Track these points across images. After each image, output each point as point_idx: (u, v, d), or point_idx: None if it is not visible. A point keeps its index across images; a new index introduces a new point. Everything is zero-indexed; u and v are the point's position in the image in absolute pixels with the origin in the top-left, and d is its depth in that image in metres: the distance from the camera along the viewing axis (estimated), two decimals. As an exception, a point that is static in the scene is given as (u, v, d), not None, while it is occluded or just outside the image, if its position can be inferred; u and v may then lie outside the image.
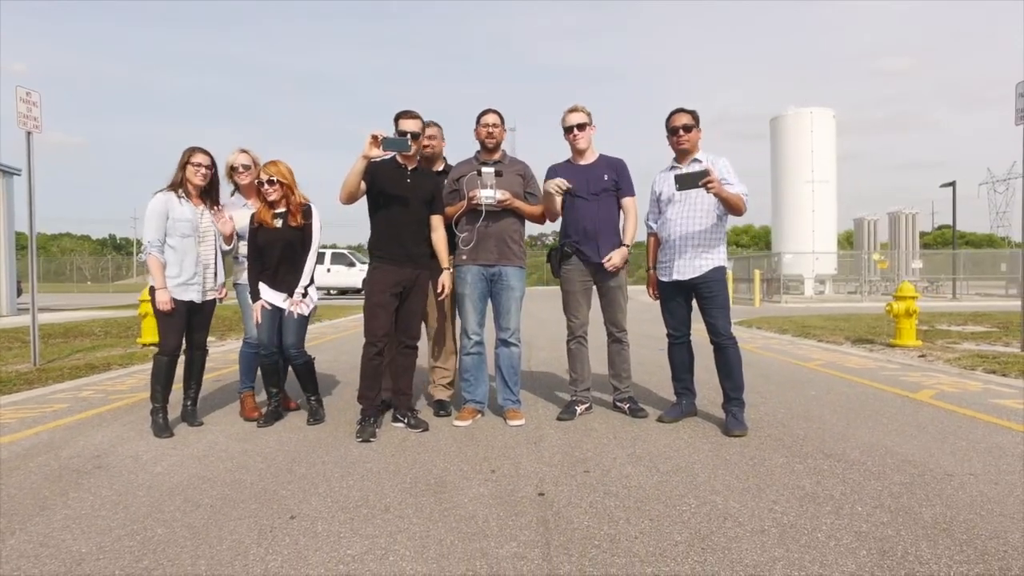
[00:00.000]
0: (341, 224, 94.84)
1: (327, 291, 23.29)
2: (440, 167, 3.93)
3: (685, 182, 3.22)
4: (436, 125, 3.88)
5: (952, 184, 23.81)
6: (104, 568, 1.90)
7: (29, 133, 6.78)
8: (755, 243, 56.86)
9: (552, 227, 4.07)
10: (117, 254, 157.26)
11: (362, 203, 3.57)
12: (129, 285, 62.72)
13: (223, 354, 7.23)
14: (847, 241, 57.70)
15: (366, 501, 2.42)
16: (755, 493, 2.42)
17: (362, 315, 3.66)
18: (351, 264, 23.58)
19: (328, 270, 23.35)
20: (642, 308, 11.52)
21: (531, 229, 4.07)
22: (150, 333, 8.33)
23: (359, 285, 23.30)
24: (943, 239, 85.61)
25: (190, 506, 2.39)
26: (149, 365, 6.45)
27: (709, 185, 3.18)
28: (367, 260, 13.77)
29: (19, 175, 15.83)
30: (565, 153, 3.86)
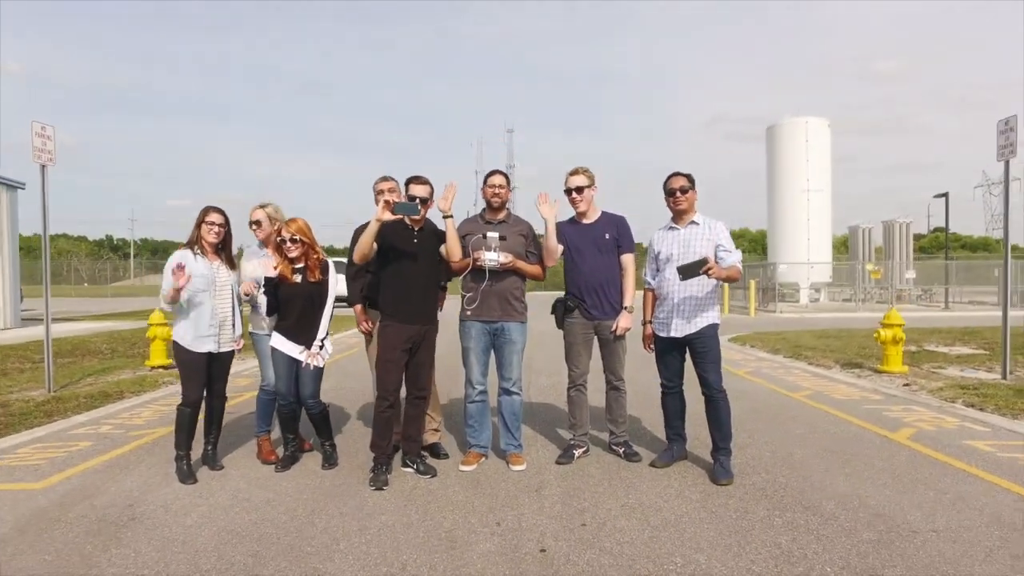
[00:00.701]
0: (338, 225, 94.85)
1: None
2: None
3: (688, 272, 3.45)
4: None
5: (945, 195, 24.12)
6: (157, 631, 2.16)
7: (44, 166, 7.02)
8: (753, 248, 57.18)
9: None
10: (114, 255, 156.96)
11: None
12: (127, 288, 62.82)
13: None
14: (843, 245, 58.08)
15: (384, 559, 2.67)
16: (736, 551, 2.68)
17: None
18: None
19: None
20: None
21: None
22: (158, 356, 8.59)
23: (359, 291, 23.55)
24: (938, 243, 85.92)
25: (224, 564, 2.64)
26: (160, 393, 6.71)
27: (710, 272, 3.43)
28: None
29: (23, 188, 16.04)
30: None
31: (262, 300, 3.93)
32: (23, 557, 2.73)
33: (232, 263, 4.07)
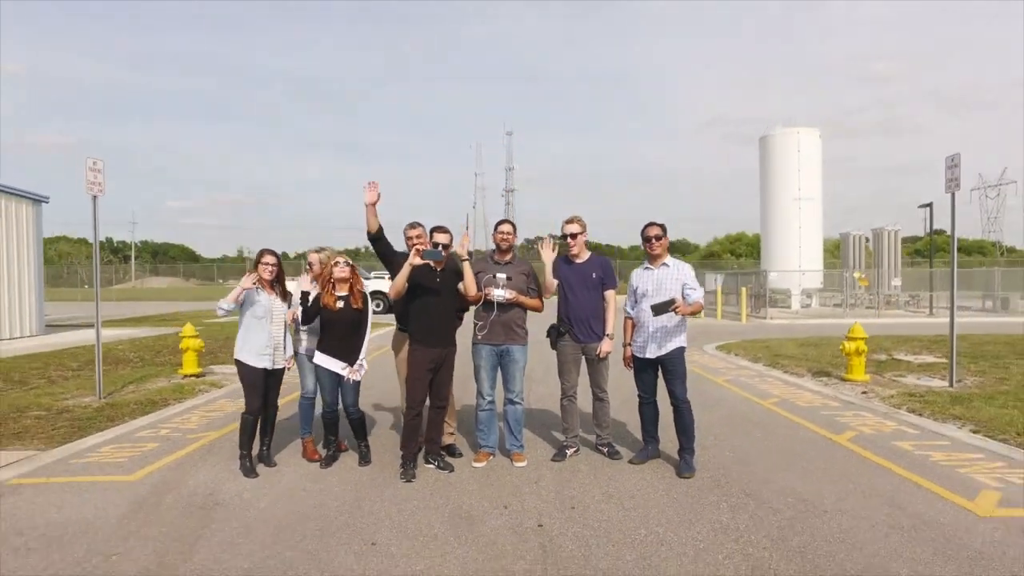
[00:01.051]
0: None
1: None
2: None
3: (659, 310, 4.30)
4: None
5: (929, 205, 25.03)
6: (263, 579, 3.01)
7: (95, 197, 7.90)
8: (749, 251, 58.04)
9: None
10: (114, 257, 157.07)
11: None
12: (130, 291, 63.46)
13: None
14: (837, 248, 58.73)
15: (420, 531, 3.53)
16: (687, 527, 3.54)
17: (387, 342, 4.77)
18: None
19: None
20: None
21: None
22: (190, 365, 9.43)
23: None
24: (936, 245, 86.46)
25: (298, 536, 3.49)
26: (199, 400, 7.54)
27: (676, 310, 4.29)
28: (375, 275, 15.02)
29: (47, 202, 16.92)
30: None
31: (299, 312, 4.78)
32: (145, 529, 3.59)
33: (285, 295, 4.93)
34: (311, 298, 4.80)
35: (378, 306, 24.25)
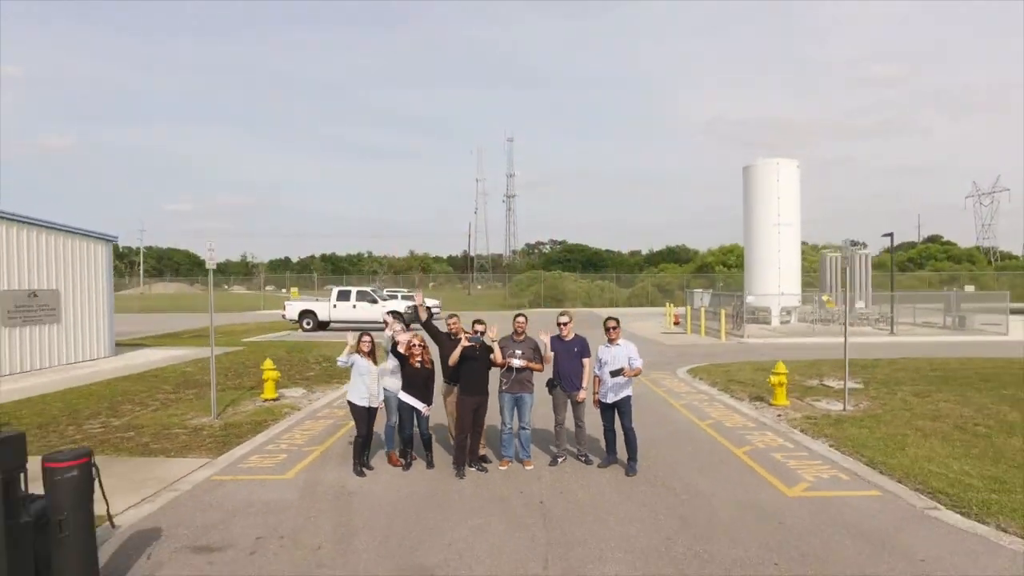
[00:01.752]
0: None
1: (354, 324, 27.21)
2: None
3: (615, 374, 7.13)
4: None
5: (890, 235, 27.84)
6: (408, 536, 5.84)
7: (210, 270, 10.76)
8: (739, 262, 60.67)
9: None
10: (120, 263, 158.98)
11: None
12: (139, 299, 66.06)
13: (339, 407, 11.06)
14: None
15: (472, 506, 6.34)
16: (625, 504, 6.35)
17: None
18: (373, 301, 27.46)
19: (354, 306, 27.30)
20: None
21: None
22: (270, 391, 12.22)
23: (379, 319, 27.23)
24: (929, 254, 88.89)
25: (405, 509, 6.30)
26: (292, 421, 10.29)
27: (624, 374, 7.12)
28: (387, 298, 18.49)
29: (115, 240, 19.80)
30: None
31: (391, 363, 7.59)
32: (317, 505, 6.41)
33: (375, 361, 7.74)
34: (395, 346, 7.57)
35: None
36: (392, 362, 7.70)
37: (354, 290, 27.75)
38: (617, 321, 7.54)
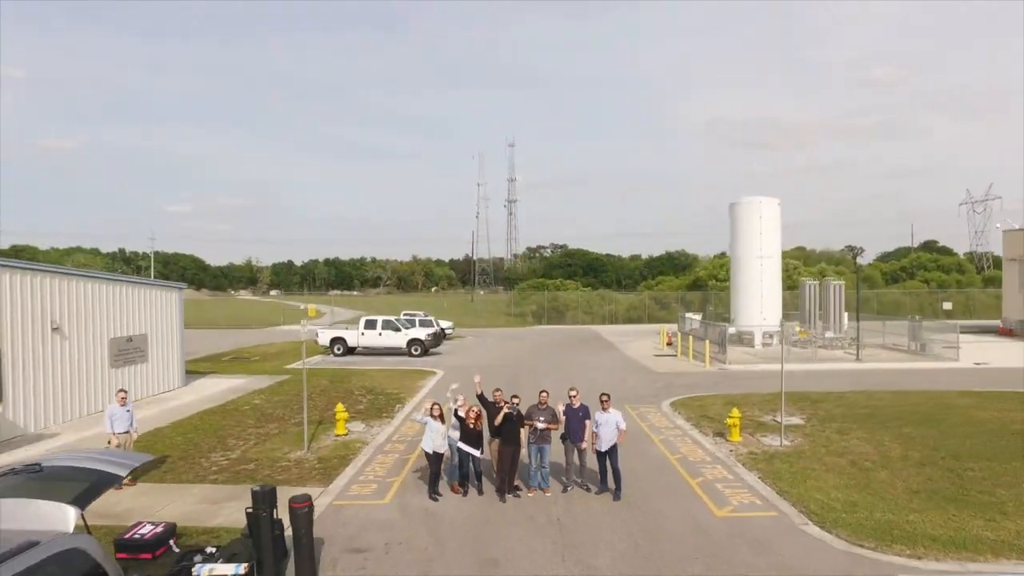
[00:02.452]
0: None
1: (380, 350, 30.91)
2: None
3: (607, 435, 10.83)
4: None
5: (857, 252, 31.42)
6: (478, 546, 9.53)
7: (304, 341, 14.42)
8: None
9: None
10: (127, 268, 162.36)
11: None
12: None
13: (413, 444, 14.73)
14: (817, 272, 65.02)
15: (515, 520, 10.01)
16: (609, 518, 10.01)
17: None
18: (397, 330, 31.13)
19: (379, 334, 30.99)
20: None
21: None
22: (341, 428, 15.84)
23: (403, 346, 30.98)
24: (919, 263, 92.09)
25: (475, 521, 9.97)
26: (367, 455, 13.96)
27: (607, 438, 10.82)
28: (410, 327, 23.37)
29: (183, 288, 23.47)
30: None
31: (455, 422, 11.28)
32: (422, 522, 10.07)
33: (443, 420, 11.42)
34: (457, 412, 11.25)
35: (416, 350, 30.87)
36: (455, 421, 11.37)
37: (380, 319, 31.42)
38: (609, 396, 11.21)
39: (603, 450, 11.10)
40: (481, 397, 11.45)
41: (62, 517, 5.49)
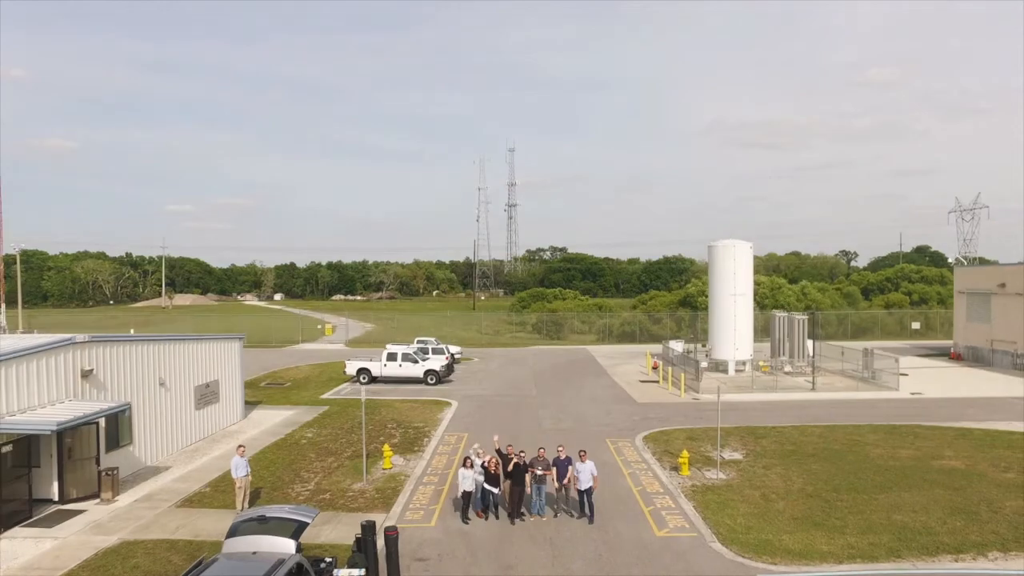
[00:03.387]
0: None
1: (398, 379, 36.16)
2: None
3: (586, 479, 16.10)
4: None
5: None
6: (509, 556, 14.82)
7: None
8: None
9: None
10: (134, 272, 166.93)
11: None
12: (169, 315, 74.43)
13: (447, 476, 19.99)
14: (802, 295, 70.25)
15: (522, 537, 15.25)
16: (585, 537, 15.26)
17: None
18: (415, 362, 36.39)
19: (400, 366, 36.24)
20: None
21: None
22: (387, 462, 21.05)
23: (420, 375, 36.24)
24: (903, 274, 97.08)
25: (499, 540, 15.22)
26: (412, 485, 19.34)
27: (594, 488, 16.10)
28: (426, 356, 30.28)
29: (243, 339, 28.71)
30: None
31: (479, 469, 16.56)
32: (462, 538, 15.32)
33: (471, 467, 16.69)
34: (479, 463, 16.52)
35: (431, 380, 36.15)
36: (479, 468, 16.60)
37: (400, 352, 36.66)
38: (585, 451, 16.44)
39: (582, 489, 16.33)
40: (498, 451, 16.68)
41: (288, 545, 10.73)
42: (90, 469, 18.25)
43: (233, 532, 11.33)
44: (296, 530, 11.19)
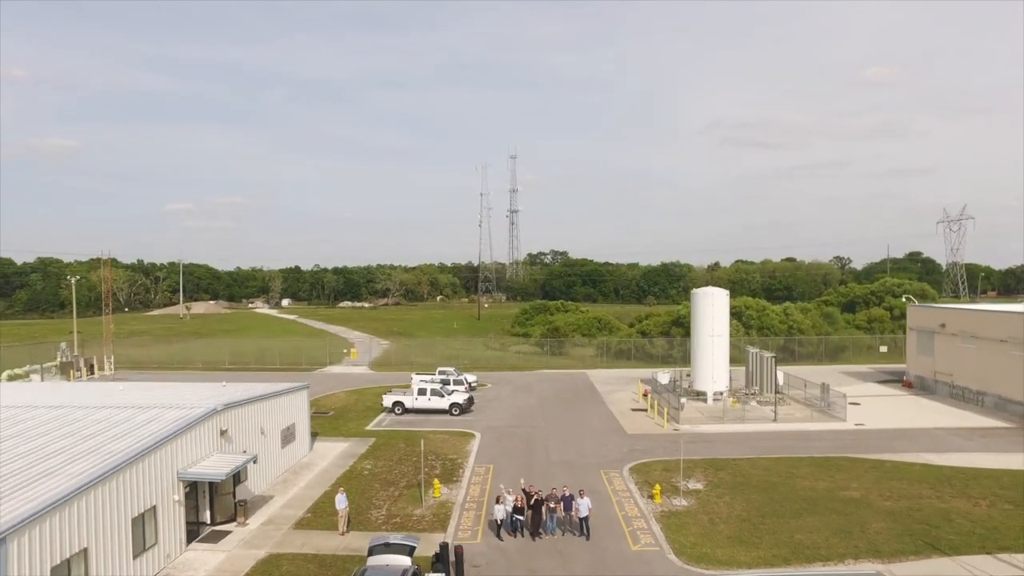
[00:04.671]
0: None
1: (427, 411, 43.98)
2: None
3: (583, 511, 23.95)
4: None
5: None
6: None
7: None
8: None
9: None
10: (146, 279, 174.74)
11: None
12: (191, 327, 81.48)
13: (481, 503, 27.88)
14: (786, 322, 78.05)
15: (543, 551, 23.07)
16: (582, 550, 23.06)
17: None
18: (441, 396, 44.24)
19: (429, 399, 44.10)
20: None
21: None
22: (437, 492, 28.80)
23: (446, 408, 44.13)
24: (886, 288, 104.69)
25: (528, 553, 23.04)
26: (458, 511, 27.26)
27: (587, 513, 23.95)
28: (452, 390, 40.33)
29: (308, 387, 36.51)
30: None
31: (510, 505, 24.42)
32: (495, 551, 23.12)
33: (501, 503, 24.53)
34: (510, 499, 24.36)
35: (455, 411, 44.04)
36: (510, 502, 24.38)
37: (429, 388, 44.48)
38: (583, 490, 24.22)
39: (581, 517, 24.08)
40: (524, 490, 24.50)
41: (406, 561, 18.58)
42: (228, 500, 26.07)
43: (371, 552, 19.12)
44: (409, 551, 18.96)
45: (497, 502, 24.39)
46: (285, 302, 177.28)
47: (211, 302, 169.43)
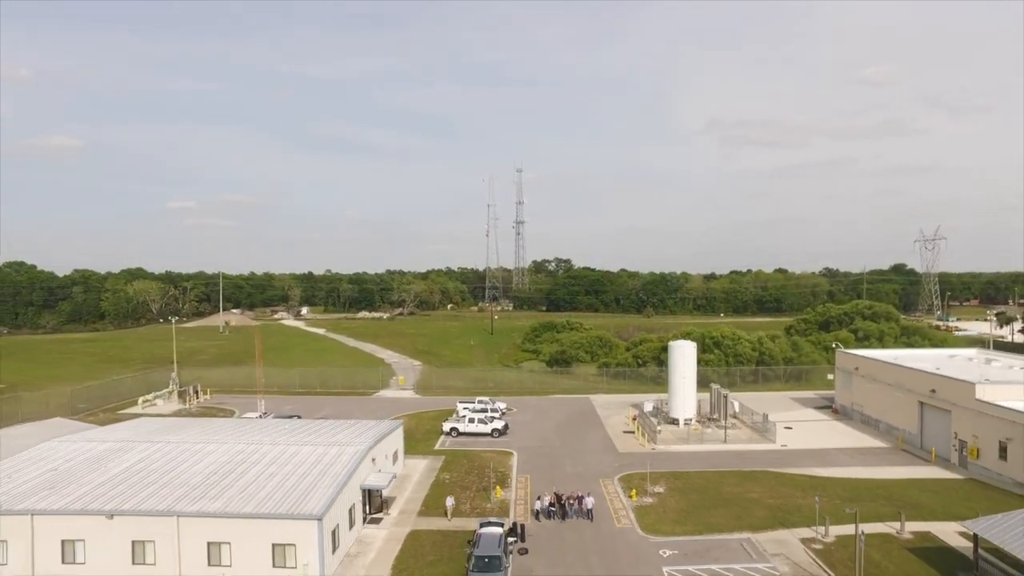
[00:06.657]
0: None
1: (475, 434, 64.03)
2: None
3: (590, 509, 44.05)
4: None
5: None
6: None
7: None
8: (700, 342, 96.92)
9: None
10: (175, 289, 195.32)
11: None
12: (235, 344, 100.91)
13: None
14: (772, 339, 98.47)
15: (570, 528, 43.08)
16: (589, 528, 43.04)
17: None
18: (485, 423, 64.42)
19: (476, 426, 64.28)
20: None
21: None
22: (499, 492, 48.64)
23: (489, 432, 64.46)
24: (858, 310, 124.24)
25: (557, 531, 43.04)
26: (513, 506, 47.45)
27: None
28: (493, 417, 65.95)
29: (402, 424, 56.51)
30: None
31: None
32: (540, 528, 43.11)
33: (538, 498, 44.62)
34: (546, 499, 44.41)
35: (496, 435, 64.19)
36: (546, 501, 44.35)
37: (476, 417, 64.51)
38: (590, 492, 44.20)
39: (587, 508, 44.01)
40: (555, 493, 44.52)
41: (500, 530, 38.76)
42: (377, 499, 46.10)
43: (481, 526, 39.15)
44: (500, 525, 38.99)
45: (537, 499, 44.43)
46: (304, 310, 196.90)
47: (235, 311, 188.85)
